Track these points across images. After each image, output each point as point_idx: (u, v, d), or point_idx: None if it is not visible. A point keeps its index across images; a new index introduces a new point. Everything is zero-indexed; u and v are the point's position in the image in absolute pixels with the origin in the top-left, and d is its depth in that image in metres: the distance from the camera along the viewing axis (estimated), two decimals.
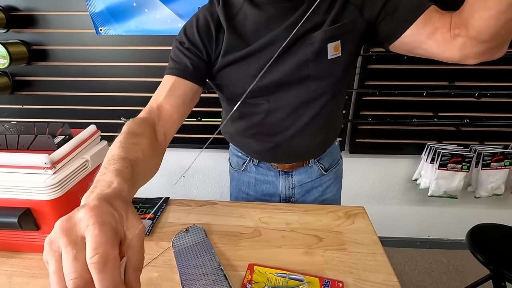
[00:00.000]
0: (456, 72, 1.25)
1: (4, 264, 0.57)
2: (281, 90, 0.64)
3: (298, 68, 0.61)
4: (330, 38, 0.59)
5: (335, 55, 0.60)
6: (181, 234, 0.64)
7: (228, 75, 0.63)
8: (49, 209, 0.53)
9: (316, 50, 0.59)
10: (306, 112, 0.67)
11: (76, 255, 0.26)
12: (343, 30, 0.59)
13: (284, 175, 0.81)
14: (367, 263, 0.57)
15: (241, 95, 0.63)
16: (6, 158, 0.54)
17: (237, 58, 0.60)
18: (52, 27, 1.28)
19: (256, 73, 0.60)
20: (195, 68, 0.60)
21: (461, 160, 1.31)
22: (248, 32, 0.60)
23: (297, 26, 0.50)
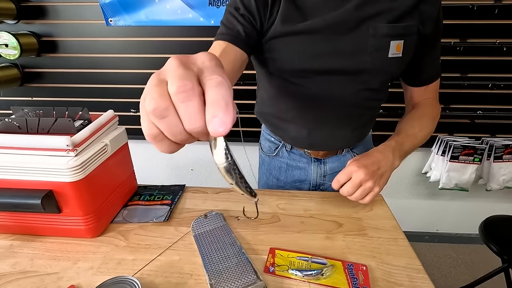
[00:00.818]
0: (469, 63, 1.23)
1: (25, 247, 0.57)
2: (332, 76, 0.62)
3: (355, 58, 0.59)
4: (395, 35, 0.58)
5: (395, 55, 0.59)
6: (200, 219, 0.64)
7: (277, 47, 0.61)
8: (71, 191, 0.53)
9: (378, 44, 0.58)
10: (350, 103, 0.67)
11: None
12: (409, 31, 0.59)
13: (316, 162, 0.80)
14: (389, 247, 0.57)
15: (289, 71, 0.63)
16: (28, 140, 0.54)
17: (289, 32, 0.58)
18: (62, 18, 1.28)
19: (310, 52, 0.59)
20: (247, 36, 0.58)
21: (473, 152, 1.30)
22: (307, 5, 0.57)
23: (362, 8, 0.55)
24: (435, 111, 0.72)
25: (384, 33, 0.57)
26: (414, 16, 0.58)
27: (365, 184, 0.58)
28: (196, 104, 0.22)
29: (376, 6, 0.56)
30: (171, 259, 0.54)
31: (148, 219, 0.64)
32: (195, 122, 0.22)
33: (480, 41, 1.19)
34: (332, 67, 0.61)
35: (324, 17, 0.56)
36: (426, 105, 0.71)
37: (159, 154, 1.61)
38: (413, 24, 0.58)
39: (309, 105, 0.67)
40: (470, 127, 1.35)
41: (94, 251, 0.56)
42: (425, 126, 0.69)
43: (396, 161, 0.63)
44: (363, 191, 0.59)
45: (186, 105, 0.22)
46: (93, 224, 0.58)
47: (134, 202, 0.70)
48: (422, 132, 0.68)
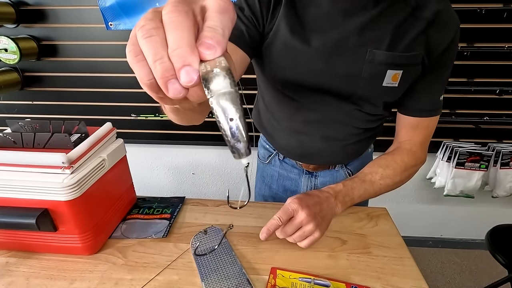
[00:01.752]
0: (476, 68, 1.21)
1: (21, 265, 0.55)
2: (323, 95, 0.60)
3: (348, 81, 0.56)
4: (393, 64, 0.53)
5: (390, 84, 0.55)
6: (200, 235, 0.62)
7: (273, 55, 0.59)
8: (67, 210, 0.52)
9: (373, 71, 0.54)
10: (341, 122, 0.65)
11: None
12: (410, 61, 0.54)
13: (307, 175, 0.78)
14: (395, 267, 0.55)
15: (280, 82, 0.61)
16: (23, 157, 0.52)
17: (286, 42, 0.55)
18: (61, 22, 1.26)
19: (302, 67, 0.56)
20: (250, 37, 0.56)
21: (479, 158, 1.28)
22: (309, 18, 0.55)
23: (363, 28, 0.51)
24: (412, 161, 0.65)
25: (382, 60, 0.53)
26: (421, 45, 0.53)
27: (306, 226, 0.54)
28: (186, 24, 0.20)
29: (378, 30, 0.53)
30: (169, 279, 0.53)
31: (147, 235, 0.62)
32: (181, 39, 0.19)
33: (488, 45, 1.16)
34: (323, 86, 0.58)
35: (324, 36, 0.54)
36: (404, 152, 0.65)
37: (160, 159, 1.60)
38: (418, 54, 0.53)
39: (300, 118, 0.66)
40: (476, 132, 1.32)
41: (91, 270, 0.54)
42: (387, 176, 0.63)
43: (337, 207, 0.60)
44: (302, 234, 0.55)
45: (174, 23, 0.20)
46: (90, 241, 0.56)
47: (133, 216, 0.68)
48: (382, 181, 0.63)
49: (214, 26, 0.20)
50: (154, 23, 0.20)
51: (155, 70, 0.20)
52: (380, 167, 0.64)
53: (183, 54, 0.19)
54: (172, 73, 0.20)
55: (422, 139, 0.66)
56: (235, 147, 0.21)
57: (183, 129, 1.44)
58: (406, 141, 0.66)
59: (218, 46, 0.20)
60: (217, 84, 0.20)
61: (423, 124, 0.64)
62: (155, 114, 1.38)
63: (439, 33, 0.52)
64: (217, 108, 0.20)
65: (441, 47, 0.53)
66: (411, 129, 0.65)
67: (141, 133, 1.44)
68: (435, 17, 0.51)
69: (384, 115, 0.66)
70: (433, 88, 0.60)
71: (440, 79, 0.59)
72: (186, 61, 0.19)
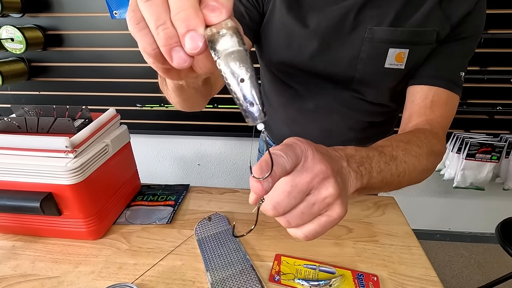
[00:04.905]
0: (490, 55, 1.16)
1: (27, 249, 0.56)
2: (318, 81, 0.57)
3: (345, 64, 0.52)
4: (395, 42, 0.48)
5: (395, 66, 0.50)
6: (204, 222, 0.62)
7: (269, 34, 0.56)
8: (71, 194, 0.52)
9: (371, 50, 0.50)
10: (340, 113, 0.60)
11: None
12: (419, 39, 0.48)
13: None
14: (402, 256, 0.54)
15: (276, 64, 0.58)
16: (26, 141, 0.52)
17: (282, 19, 0.53)
18: (66, 11, 1.26)
19: (296, 46, 0.54)
20: (251, 19, 0.54)
21: (490, 150, 1.24)
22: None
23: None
24: (438, 143, 0.46)
25: (382, 38, 0.49)
26: (436, 20, 0.48)
27: (323, 188, 0.26)
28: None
29: (380, 7, 0.48)
30: (173, 264, 0.52)
31: (151, 221, 0.62)
32: (182, 2, 0.18)
33: (503, 31, 1.11)
34: (318, 69, 0.55)
35: (320, 14, 0.51)
36: (427, 131, 0.47)
37: (166, 149, 1.60)
38: (430, 31, 0.48)
39: (294, 107, 0.63)
40: (488, 123, 1.28)
41: (96, 254, 0.55)
42: (412, 153, 0.41)
43: (350, 177, 0.31)
44: (316, 203, 0.26)
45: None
46: (94, 226, 0.56)
47: (137, 203, 0.68)
48: (407, 159, 0.40)
49: None
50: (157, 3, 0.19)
51: (157, 37, 0.19)
52: (400, 141, 0.42)
53: (187, 17, 0.18)
54: (176, 40, 0.19)
55: (442, 120, 0.50)
56: (248, 110, 0.19)
57: (189, 120, 1.43)
58: (423, 122, 0.50)
59: (223, 8, 0.18)
60: (224, 43, 0.18)
61: (441, 99, 0.50)
62: (160, 104, 1.37)
63: (454, 4, 0.47)
64: (225, 70, 0.18)
65: (458, 18, 0.47)
66: (428, 104, 0.50)
67: (147, 123, 1.44)
68: None
69: (392, 108, 0.61)
70: (451, 59, 0.51)
71: (460, 52, 0.51)
72: (190, 25, 0.18)
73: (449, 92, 0.50)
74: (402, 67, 0.50)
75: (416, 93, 0.51)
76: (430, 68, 0.51)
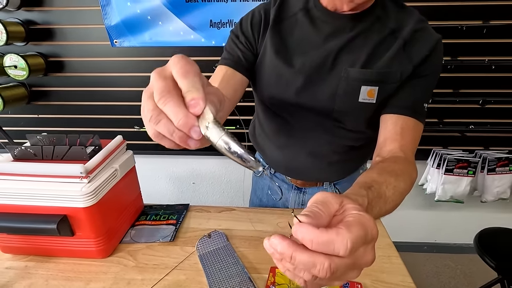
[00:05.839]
0: (461, 80, 1.28)
1: (39, 268, 0.60)
2: (304, 111, 0.64)
3: (326, 98, 0.61)
4: (366, 80, 0.57)
5: (367, 100, 0.58)
6: (204, 239, 0.67)
7: (262, 72, 0.64)
8: (84, 216, 0.57)
9: (347, 86, 0.58)
10: (324, 139, 0.68)
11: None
12: (387, 78, 0.56)
13: (296, 191, 0.82)
14: (383, 265, 0.60)
15: (267, 97, 0.66)
16: (44, 168, 0.58)
17: (272, 60, 0.61)
18: (68, 40, 1.33)
19: (284, 84, 0.62)
20: (246, 61, 0.63)
21: (466, 165, 1.34)
22: (292, 39, 0.61)
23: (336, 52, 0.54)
24: (414, 171, 0.52)
25: (355, 77, 0.57)
26: (400, 62, 0.56)
27: (367, 255, 0.28)
28: (174, 102, 0.27)
29: (354, 51, 0.57)
30: (178, 279, 0.57)
31: (155, 239, 0.67)
32: (177, 115, 0.27)
33: (470, 59, 1.24)
34: (304, 103, 0.63)
35: (304, 57, 0.60)
36: (403, 159, 0.53)
37: (161, 169, 1.65)
38: (394, 71, 0.56)
39: (284, 133, 0.71)
40: (464, 140, 1.39)
41: (105, 271, 0.59)
42: (399, 191, 0.46)
43: None
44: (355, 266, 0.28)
45: (167, 106, 0.27)
46: (103, 245, 0.61)
47: (141, 222, 0.73)
48: (394, 197, 0.44)
49: (187, 89, 0.28)
50: (155, 112, 0.28)
51: (174, 139, 0.29)
52: (391, 175, 0.46)
53: (184, 123, 0.27)
54: (186, 137, 0.29)
55: (411, 145, 0.57)
56: (248, 166, 0.29)
57: None
58: (397, 148, 0.55)
59: (198, 100, 0.28)
60: (213, 136, 0.28)
61: (409, 126, 0.57)
62: None
63: (416, 47, 0.56)
64: (222, 151, 0.28)
65: (419, 59, 0.56)
66: (399, 131, 0.56)
67: (143, 144, 1.49)
68: (412, 36, 0.57)
69: (369, 134, 0.66)
70: (415, 92, 0.58)
71: (422, 87, 0.58)
72: (188, 126, 0.28)
73: (415, 120, 0.57)
74: (374, 101, 0.59)
75: (387, 121, 0.59)
76: (399, 100, 0.59)
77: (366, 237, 0.27)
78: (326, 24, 0.59)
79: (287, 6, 0.63)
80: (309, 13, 0.61)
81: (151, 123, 0.28)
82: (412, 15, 0.58)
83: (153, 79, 0.29)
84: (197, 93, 0.28)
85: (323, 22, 0.59)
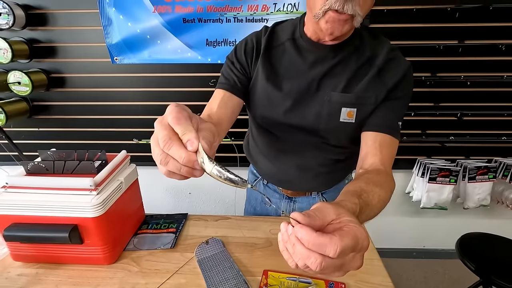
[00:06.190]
0: (440, 94, 1.38)
1: (50, 275, 0.65)
2: (293, 129, 0.71)
3: (312, 119, 0.68)
4: (346, 103, 0.65)
5: (347, 120, 0.66)
6: (202, 245, 0.73)
7: (254, 95, 0.72)
8: (93, 225, 0.62)
9: (330, 109, 0.66)
10: (311, 153, 0.75)
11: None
12: (362, 101, 0.65)
13: (287, 200, 0.89)
14: (366, 267, 0.66)
15: (260, 117, 0.74)
16: (56, 181, 0.63)
17: (263, 85, 0.69)
18: (70, 57, 1.39)
19: (275, 106, 0.69)
20: (242, 85, 0.71)
21: (448, 174, 1.42)
22: (281, 66, 0.69)
23: (321, 77, 0.62)
24: (393, 183, 0.59)
25: (336, 100, 0.65)
26: (375, 87, 0.64)
27: (356, 260, 0.35)
28: (176, 145, 0.35)
29: (336, 76, 0.66)
30: (179, 282, 0.63)
31: (157, 246, 0.73)
32: (180, 155, 0.35)
33: (448, 75, 1.34)
34: (292, 122, 0.70)
35: (292, 82, 0.67)
36: (384, 172, 0.59)
37: (158, 180, 1.70)
38: (369, 96, 0.64)
39: (275, 148, 0.78)
40: (446, 150, 1.48)
41: (111, 277, 0.64)
42: (382, 199, 0.52)
43: None
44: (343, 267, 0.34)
45: (171, 150, 0.35)
46: (110, 252, 0.66)
47: (143, 231, 0.78)
48: (379, 205, 0.51)
49: (182, 133, 0.36)
50: (164, 155, 0.36)
51: (183, 173, 0.37)
52: (376, 186, 0.52)
53: (187, 160, 0.36)
54: (191, 170, 0.37)
55: (389, 159, 0.64)
56: (237, 186, 0.37)
57: None
58: (378, 162, 0.62)
59: (193, 140, 0.35)
60: (207, 168, 0.36)
61: (386, 142, 0.64)
62: None
63: (389, 74, 0.64)
64: (215, 177, 0.37)
65: (392, 85, 0.64)
66: (378, 146, 0.64)
67: (141, 156, 1.54)
68: (385, 64, 0.65)
69: (351, 149, 0.73)
70: (390, 113, 0.66)
71: (395, 108, 0.66)
72: (191, 162, 0.36)
73: (391, 137, 0.64)
74: (353, 121, 0.66)
75: (367, 137, 0.66)
76: (377, 119, 0.66)
77: (356, 247, 0.33)
78: (310, 53, 0.67)
79: (276, 36, 0.71)
80: (295, 42, 0.68)
81: (161, 165, 0.37)
82: (385, 45, 0.66)
83: (156, 129, 0.37)
84: (190, 135, 0.36)
85: (308, 51, 0.67)
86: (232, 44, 1.34)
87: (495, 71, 1.32)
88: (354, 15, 0.55)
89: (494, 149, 1.48)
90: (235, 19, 1.30)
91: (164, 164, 0.36)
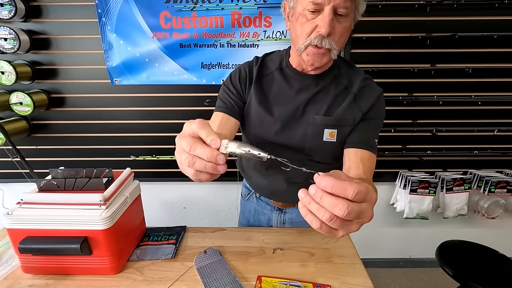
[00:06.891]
0: (416, 112, 1.51)
1: (59, 285, 0.69)
2: (282, 148, 0.80)
3: (299, 138, 0.77)
4: (328, 125, 0.75)
5: (329, 139, 0.75)
6: (201, 255, 0.79)
7: (248, 117, 0.81)
8: (102, 237, 0.68)
9: (313, 129, 0.75)
10: (297, 171, 0.84)
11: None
12: (342, 123, 0.74)
13: (278, 211, 0.97)
14: (349, 270, 0.74)
15: (252, 136, 0.83)
16: (68, 197, 0.69)
17: (256, 109, 0.78)
18: (70, 78, 1.47)
19: (266, 128, 0.78)
20: (238, 107, 0.79)
21: (427, 185, 1.53)
22: (271, 92, 0.78)
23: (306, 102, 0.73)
24: (376, 192, 0.66)
25: (319, 122, 0.75)
26: (352, 111, 0.74)
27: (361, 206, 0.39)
28: (200, 146, 0.43)
29: (318, 102, 0.76)
30: None
31: (158, 257, 0.79)
32: (205, 152, 0.42)
33: (422, 95, 1.47)
34: (281, 142, 0.80)
35: (281, 107, 0.77)
36: (368, 182, 0.65)
37: (153, 195, 1.75)
38: (348, 118, 0.74)
39: (266, 164, 0.87)
40: (425, 163, 1.60)
41: (117, 286, 0.70)
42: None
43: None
44: (354, 214, 0.38)
45: (197, 150, 0.43)
46: (116, 262, 0.72)
47: (145, 243, 0.84)
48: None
49: (206, 135, 0.44)
50: (190, 157, 0.43)
51: (208, 170, 0.44)
52: None
53: (211, 155, 0.43)
54: (215, 166, 0.43)
55: (369, 172, 0.71)
56: (260, 157, 0.45)
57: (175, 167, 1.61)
58: (360, 173, 0.68)
59: (216, 139, 0.43)
60: (232, 149, 0.44)
61: (366, 157, 0.72)
62: (152, 155, 1.57)
63: (364, 99, 0.75)
64: (242, 154, 0.44)
65: (366, 108, 0.74)
66: (359, 160, 0.71)
67: (137, 172, 1.60)
68: (360, 91, 0.75)
69: (335, 164, 0.81)
70: (367, 132, 0.75)
71: (371, 128, 0.76)
72: (214, 156, 0.43)
73: (370, 152, 0.73)
74: (334, 140, 0.76)
75: (350, 153, 0.74)
76: (356, 137, 0.75)
77: (368, 195, 0.39)
78: (296, 81, 0.77)
79: (266, 66, 0.81)
80: (283, 71, 0.79)
81: (190, 167, 0.43)
82: (359, 74, 0.77)
83: (178, 141, 0.44)
84: (213, 136, 0.44)
85: (293, 80, 0.77)
86: (226, 67, 1.45)
87: (464, 91, 1.46)
88: (330, 49, 0.65)
89: (468, 162, 1.61)
90: (228, 45, 1.41)
91: (191, 165, 0.42)
